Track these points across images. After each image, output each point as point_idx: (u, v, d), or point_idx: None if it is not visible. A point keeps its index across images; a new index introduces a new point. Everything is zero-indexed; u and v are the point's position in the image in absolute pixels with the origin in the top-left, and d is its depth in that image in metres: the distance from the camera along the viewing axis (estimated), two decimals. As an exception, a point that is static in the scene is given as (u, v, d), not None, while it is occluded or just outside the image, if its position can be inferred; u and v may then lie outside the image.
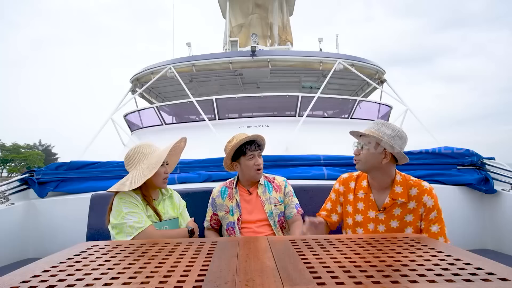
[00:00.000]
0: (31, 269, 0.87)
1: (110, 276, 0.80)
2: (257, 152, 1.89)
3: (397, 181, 1.54)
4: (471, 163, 2.48)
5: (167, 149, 1.70)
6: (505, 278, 0.72)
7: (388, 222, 1.54)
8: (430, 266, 0.82)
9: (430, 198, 1.50)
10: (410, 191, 1.52)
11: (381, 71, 5.46)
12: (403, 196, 1.51)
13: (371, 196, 1.59)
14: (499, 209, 2.28)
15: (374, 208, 1.57)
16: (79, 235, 2.17)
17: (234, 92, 6.33)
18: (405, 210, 1.52)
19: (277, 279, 0.75)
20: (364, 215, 1.60)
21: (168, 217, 1.71)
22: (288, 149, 3.55)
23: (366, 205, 1.60)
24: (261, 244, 1.10)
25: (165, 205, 1.76)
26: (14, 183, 2.50)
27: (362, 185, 1.64)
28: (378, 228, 1.56)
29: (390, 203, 1.53)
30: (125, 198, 1.57)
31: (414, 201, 1.51)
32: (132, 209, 1.54)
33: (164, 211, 1.72)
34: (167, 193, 1.80)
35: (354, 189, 1.67)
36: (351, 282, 0.72)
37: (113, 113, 4.99)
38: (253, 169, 1.87)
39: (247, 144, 1.88)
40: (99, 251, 1.06)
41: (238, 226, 1.86)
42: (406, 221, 1.52)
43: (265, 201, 1.90)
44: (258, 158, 1.90)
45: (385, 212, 1.54)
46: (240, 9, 7.32)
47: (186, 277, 0.78)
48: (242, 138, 1.87)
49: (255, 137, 1.91)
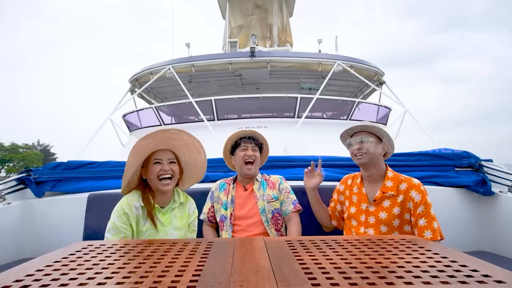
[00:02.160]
0: (24, 268, 0.86)
1: (104, 275, 0.80)
2: (251, 145, 1.95)
3: (388, 177, 1.69)
4: (469, 165, 2.48)
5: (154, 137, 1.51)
6: (500, 281, 0.72)
7: (377, 213, 1.65)
8: (426, 268, 0.82)
9: (418, 193, 1.59)
10: (400, 185, 1.64)
11: (380, 73, 5.47)
12: (392, 190, 1.63)
13: (363, 190, 1.75)
14: (496, 211, 2.28)
15: (366, 201, 1.71)
16: (75, 235, 2.16)
17: (233, 92, 6.33)
18: (394, 203, 1.63)
19: (272, 280, 0.75)
20: (357, 207, 1.74)
21: (173, 227, 1.55)
22: (286, 150, 3.55)
23: (359, 198, 1.76)
24: (257, 245, 1.10)
25: (173, 214, 1.59)
26: (11, 182, 2.49)
27: (357, 181, 1.81)
28: (369, 220, 1.68)
29: (380, 195, 1.65)
30: (124, 203, 1.49)
31: (402, 195, 1.62)
32: (117, 221, 1.45)
33: (169, 221, 1.57)
34: (178, 200, 1.63)
35: (350, 185, 1.84)
36: (346, 283, 0.72)
37: (111, 113, 4.99)
38: (243, 162, 1.93)
39: (244, 137, 1.98)
40: (94, 250, 1.05)
41: (231, 221, 1.88)
42: (394, 213, 1.61)
43: (259, 197, 1.93)
44: (251, 151, 1.94)
45: (375, 204, 1.67)
46: (239, 10, 7.34)
47: (181, 277, 0.78)
48: (239, 132, 1.99)
49: (252, 133, 1.99)
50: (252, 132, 2.00)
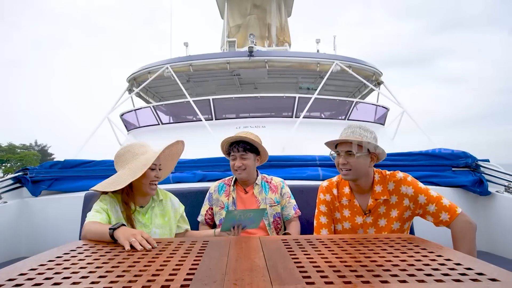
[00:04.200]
0: (18, 268, 0.86)
1: (98, 274, 0.79)
2: (239, 153, 1.87)
3: (376, 181, 1.54)
4: (466, 165, 2.49)
5: (159, 150, 1.54)
6: (494, 279, 0.72)
7: (376, 222, 1.54)
8: (421, 266, 0.82)
9: (408, 186, 1.49)
10: (388, 186, 1.53)
11: (378, 72, 5.48)
12: (384, 194, 1.51)
13: (355, 202, 1.57)
14: (493, 211, 2.28)
15: (360, 213, 1.56)
16: (72, 234, 2.15)
17: (232, 92, 6.32)
18: (389, 206, 1.53)
19: (266, 278, 0.74)
20: (352, 221, 1.58)
21: (155, 226, 1.54)
22: (284, 150, 3.55)
23: (352, 212, 1.58)
24: (252, 244, 1.09)
25: (153, 213, 1.57)
26: (7, 181, 2.48)
27: (345, 191, 1.61)
28: (368, 232, 1.56)
29: (373, 203, 1.53)
30: (103, 202, 1.44)
31: (394, 195, 1.52)
32: (97, 208, 1.41)
33: (151, 220, 1.54)
34: (157, 198, 1.62)
35: (337, 196, 1.63)
36: (341, 281, 0.72)
37: (109, 113, 4.97)
38: (233, 169, 1.91)
39: (235, 144, 1.89)
40: (89, 249, 1.05)
41: None
42: (392, 216, 1.52)
43: (261, 201, 1.90)
44: (240, 160, 1.87)
45: (371, 214, 1.55)
46: (238, 9, 7.33)
47: (175, 276, 0.78)
48: (228, 138, 1.91)
49: (240, 138, 1.89)
50: (240, 137, 1.89)
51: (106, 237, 1.14)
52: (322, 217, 1.65)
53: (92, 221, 1.32)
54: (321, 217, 1.65)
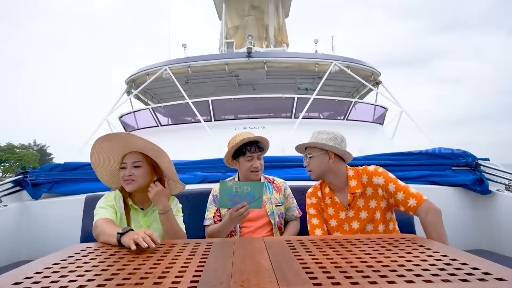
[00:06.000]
0: (23, 271, 0.85)
1: (104, 277, 0.79)
2: (257, 154, 1.85)
3: (350, 176, 1.66)
4: (466, 164, 2.49)
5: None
6: (501, 278, 0.72)
7: (358, 216, 1.63)
8: (427, 266, 0.82)
9: (378, 177, 1.59)
10: (362, 179, 1.64)
11: (376, 73, 5.49)
12: (358, 187, 1.61)
13: (336, 199, 1.69)
14: (493, 209, 2.29)
15: (342, 209, 1.67)
16: (73, 237, 2.14)
17: (230, 93, 6.32)
18: (366, 198, 1.62)
19: (273, 280, 0.74)
20: (337, 218, 1.69)
21: (153, 228, 1.55)
22: (284, 150, 3.55)
23: (335, 209, 1.69)
24: (257, 245, 1.09)
25: (153, 216, 1.57)
26: (7, 184, 2.47)
27: (326, 191, 1.74)
28: (353, 225, 1.64)
29: (351, 197, 1.63)
30: (107, 198, 1.50)
31: (369, 187, 1.62)
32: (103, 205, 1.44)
33: (149, 223, 1.55)
34: None
35: (321, 197, 1.76)
36: (348, 282, 0.72)
37: (108, 114, 4.96)
38: (249, 171, 1.86)
39: (248, 144, 1.84)
40: (93, 252, 1.04)
41: (239, 224, 1.83)
42: (372, 207, 1.61)
43: (266, 200, 1.90)
44: (257, 160, 1.86)
45: (352, 208, 1.64)
46: (236, 10, 7.34)
47: (181, 277, 0.78)
48: (244, 138, 1.84)
49: (258, 139, 1.87)
50: (258, 138, 1.87)
51: (113, 240, 1.12)
52: (314, 219, 1.76)
53: (104, 218, 1.33)
54: (313, 219, 1.76)
